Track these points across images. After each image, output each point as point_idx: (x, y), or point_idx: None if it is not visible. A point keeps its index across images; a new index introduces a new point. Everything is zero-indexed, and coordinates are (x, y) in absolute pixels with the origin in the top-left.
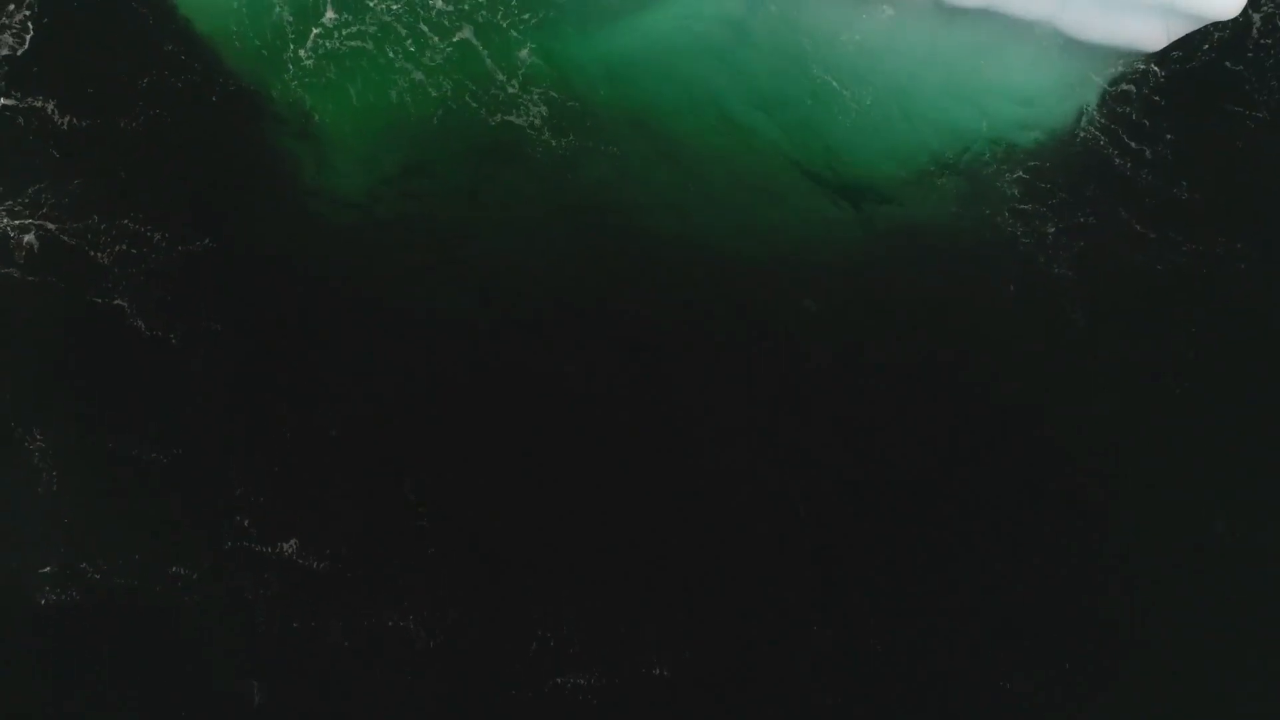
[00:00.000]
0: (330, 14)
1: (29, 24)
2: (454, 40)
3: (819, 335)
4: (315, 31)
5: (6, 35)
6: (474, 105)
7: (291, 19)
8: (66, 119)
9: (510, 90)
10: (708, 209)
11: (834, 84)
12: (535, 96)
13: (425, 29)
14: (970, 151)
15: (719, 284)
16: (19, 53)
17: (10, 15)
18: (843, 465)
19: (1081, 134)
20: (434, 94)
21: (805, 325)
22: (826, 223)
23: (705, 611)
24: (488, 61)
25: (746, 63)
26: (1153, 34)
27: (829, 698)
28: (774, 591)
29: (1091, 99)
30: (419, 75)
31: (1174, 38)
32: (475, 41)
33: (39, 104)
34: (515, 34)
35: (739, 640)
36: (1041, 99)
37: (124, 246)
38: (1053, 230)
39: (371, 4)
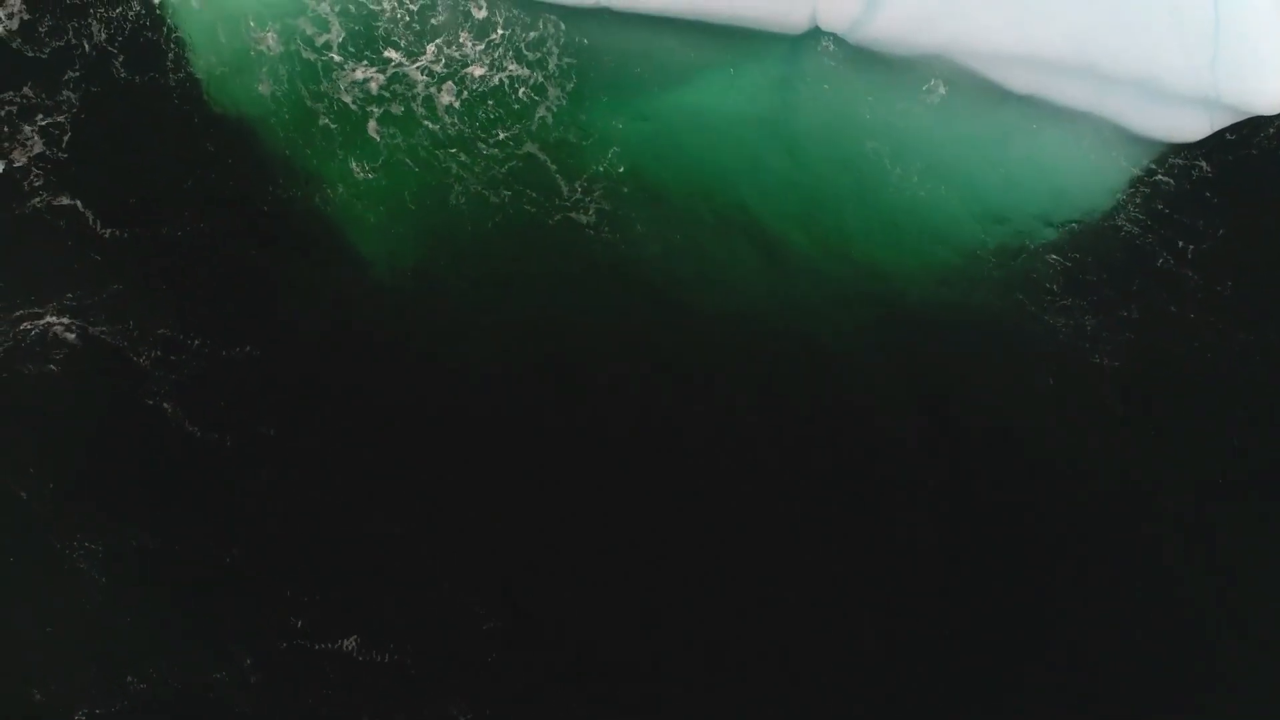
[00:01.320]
0: (374, 125)
1: (67, 124)
2: (517, 153)
3: (853, 421)
4: (360, 145)
5: (36, 136)
6: (532, 210)
7: (336, 127)
8: (106, 223)
9: (567, 191)
10: (743, 285)
11: (885, 161)
12: (593, 191)
13: (483, 147)
14: (1010, 236)
15: (754, 360)
16: (57, 153)
17: (36, 121)
18: (875, 553)
19: (1124, 221)
20: (494, 200)
21: (841, 409)
22: (862, 305)
23: None
24: (552, 171)
25: (787, 138)
26: (1196, 124)
27: None
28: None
29: (1134, 187)
30: (477, 186)
31: (1217, 128)
32: (540, 155)
33: (78, 206)
34: (574, 136)
35: None
36: (1083, 186)
37: (165, 351)
38: (1092, 320)
39: (425, 122)
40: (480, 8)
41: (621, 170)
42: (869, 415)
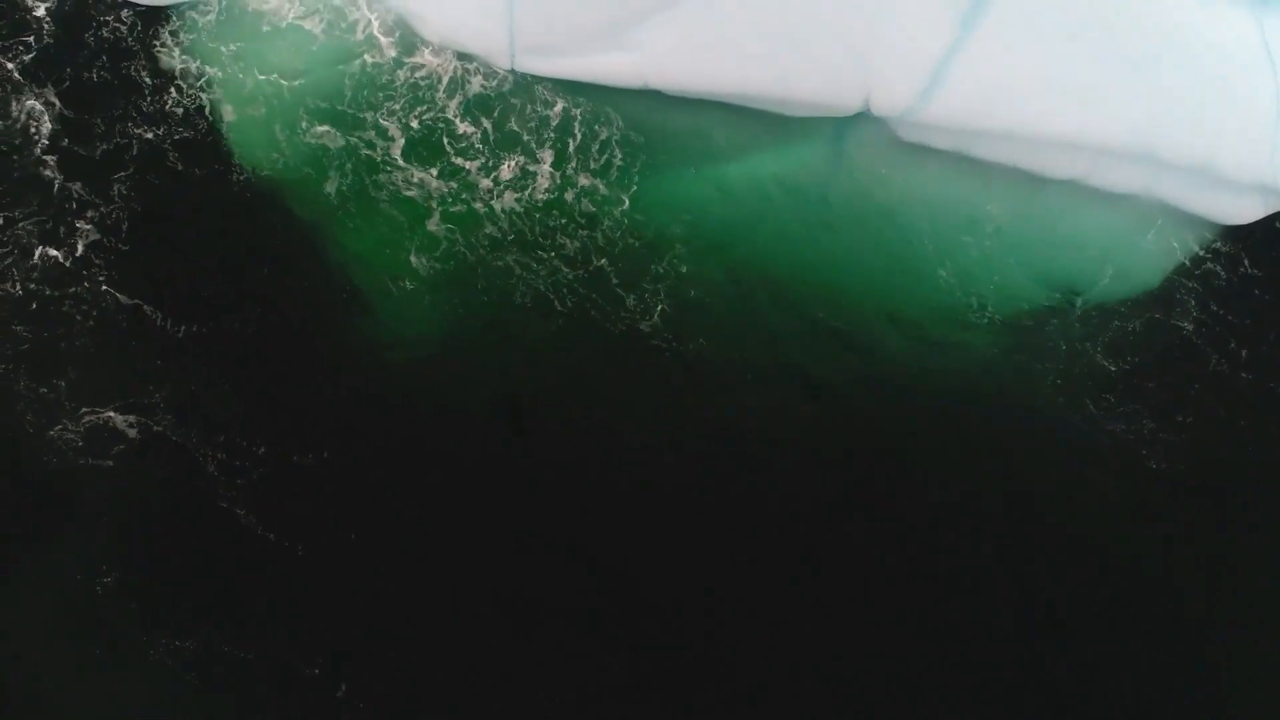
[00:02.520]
0: (434, 220)
1: (125, 218)
2: (589, 268)
3: (907, 525)
4: (423, 238)
5: (92, 229)
6: (596, 315)
7: (404, 219)
8: (166, 319)
9: (633, 302)
10: (797, 381)
11: (934, 256)
12: (657, 291)
13: (541, 253)
14: (1061, 333)
15: (805, 455)
16: (117, 245)
17: (88, 216)
18: (930, 656)
19: (1180, 316)
20: (559, 307)
21: (892, 514)
22: (915, 403)
23: None
24: (614, 282)
25: (834, 227)
26: (1250, 209)
27: None
28: None
29: (1184, 275)
30: (540, 285)
31: (1271, 211)
32: (608, 268)
33: (138, 302)
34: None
35: None
36: (1132, 269)
37: (231, 455)
38: (1151, 425)
39: (487, 228)
40: (536, 99)
41: (685, 269)
42: (921, 523)
